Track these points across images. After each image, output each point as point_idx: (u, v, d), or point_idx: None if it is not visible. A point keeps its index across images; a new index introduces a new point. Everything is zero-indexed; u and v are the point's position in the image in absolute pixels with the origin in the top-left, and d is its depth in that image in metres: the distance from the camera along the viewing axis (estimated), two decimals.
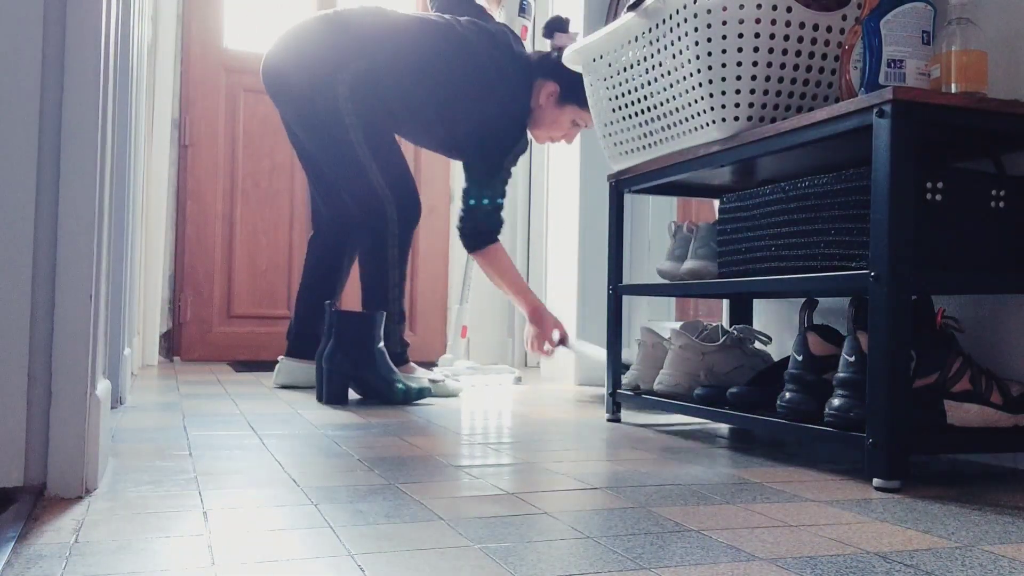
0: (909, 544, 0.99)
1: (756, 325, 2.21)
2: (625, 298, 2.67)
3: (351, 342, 2.32)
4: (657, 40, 1.73)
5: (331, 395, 2.30)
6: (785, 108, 1.61)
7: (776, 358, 2.03)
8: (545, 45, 2.68)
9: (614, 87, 1.92)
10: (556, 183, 3.54)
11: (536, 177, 3.92)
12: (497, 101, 2.52)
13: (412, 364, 2.58)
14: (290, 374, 2.63)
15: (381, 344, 2.36)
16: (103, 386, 1.22)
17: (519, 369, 3.77)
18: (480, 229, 2.52)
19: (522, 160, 4.01)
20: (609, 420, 2.05)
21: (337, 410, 2.14)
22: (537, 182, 3.90)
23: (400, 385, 2.33)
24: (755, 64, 1.56)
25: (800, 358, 1.52)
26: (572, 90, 2.48)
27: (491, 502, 1.15)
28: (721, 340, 1.88)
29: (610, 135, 1.99)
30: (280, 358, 2.67)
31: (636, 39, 1.80)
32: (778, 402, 1.52)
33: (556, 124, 2.61)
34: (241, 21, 3.81)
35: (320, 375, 2.32)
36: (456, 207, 3.99)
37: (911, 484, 1.33)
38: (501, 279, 2.58)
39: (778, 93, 1.59)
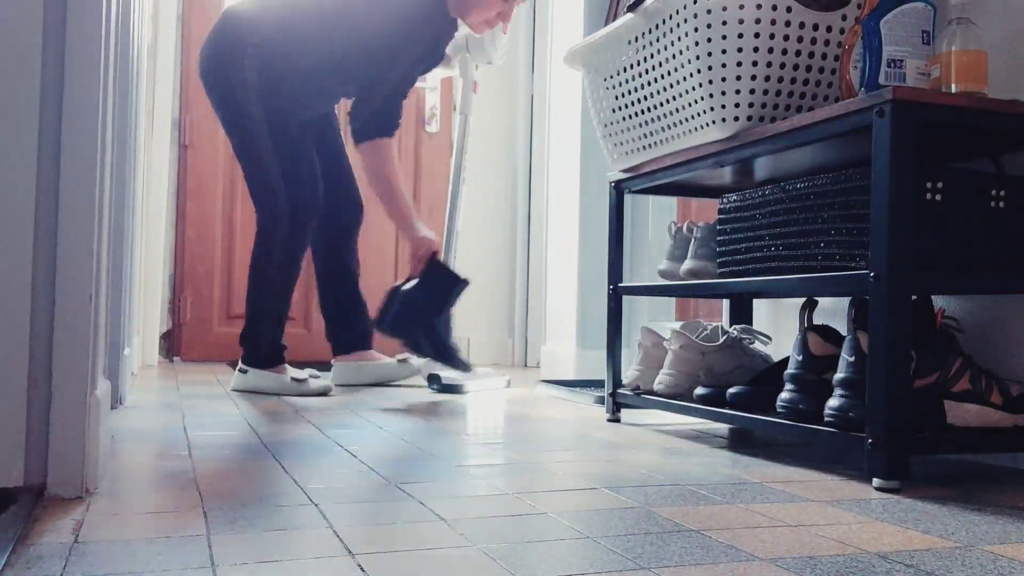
0: (909, 544, 0.99)
1: (756, 325, 2.21)
2: (625, 298, 2.67)
3: (435, 289, 2.35)
4: (657, 40, 1.73)
5: (395, 323, 2.31)
6: (785, 108, 1.61)
7: (776, 358, 2.03)
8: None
9: (614, 87, 1.92)
10: (556, 183, 3.54)
11: (536, 177, 3.92)
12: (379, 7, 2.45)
13: (285, 366, 2.50)
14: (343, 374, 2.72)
15: (453, 310, 2.39)
16: (103, 386, 1.22)
17: (519, 370, 3.77)
18: (375, 117, 2.38)
19: (522, 159, 4.02)
20: (609, 420, 2.05)
21: (336, 410, 2.14)
22: (537, 182, 3.90)
23: (455, 352, 2.37)
24: (755, 64, 1.56)
25: (800, 358, 1.52)
26: None
27: (491, 502, 1.15)
28: (721, 340, 1.88)
29: (610, 135, 1.99)
30: (332, 361, 2.76)
31: (636, 39, 1.80)
32: (778, 402, 1.52)
33: (485, 3, 2.48)
34: None
35: (392, 302, 2.33)
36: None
37: (911, 484, 1.33)
38: (385, 187, 2.41)
39: (778, 93, 1.59)
